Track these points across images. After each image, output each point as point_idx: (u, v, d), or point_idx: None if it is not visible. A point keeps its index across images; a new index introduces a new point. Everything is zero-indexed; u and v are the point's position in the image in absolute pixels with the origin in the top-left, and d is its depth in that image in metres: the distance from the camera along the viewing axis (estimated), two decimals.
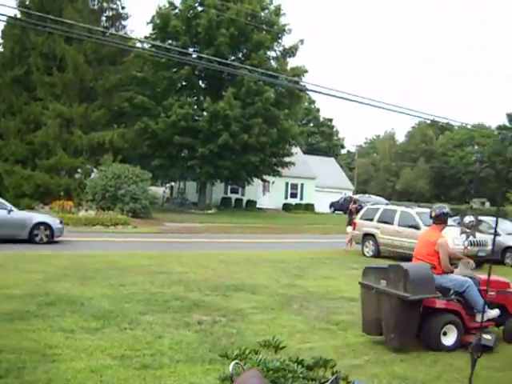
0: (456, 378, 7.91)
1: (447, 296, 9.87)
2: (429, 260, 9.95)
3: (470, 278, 10.09)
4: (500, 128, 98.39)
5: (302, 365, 3.80)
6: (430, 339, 9.49)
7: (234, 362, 2.86)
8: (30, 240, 21.87)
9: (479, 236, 20.33)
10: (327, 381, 2.00)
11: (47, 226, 22.51)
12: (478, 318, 9.72)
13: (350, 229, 26.64)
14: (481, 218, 23.74)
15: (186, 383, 6.93)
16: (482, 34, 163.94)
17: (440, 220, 10.82)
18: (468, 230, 4.95)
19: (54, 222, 23.01)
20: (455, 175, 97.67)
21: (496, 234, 4.83)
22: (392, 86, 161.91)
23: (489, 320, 10.01)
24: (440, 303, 9.60)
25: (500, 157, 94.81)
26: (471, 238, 4.97)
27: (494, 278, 10.50)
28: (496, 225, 4.96)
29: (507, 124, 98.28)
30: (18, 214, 22.38)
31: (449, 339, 9.52)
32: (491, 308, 10.02)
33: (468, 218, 4.92)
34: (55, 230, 22.67)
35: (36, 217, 22.90)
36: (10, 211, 21.91)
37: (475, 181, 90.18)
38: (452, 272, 10.23)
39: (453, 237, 18.50)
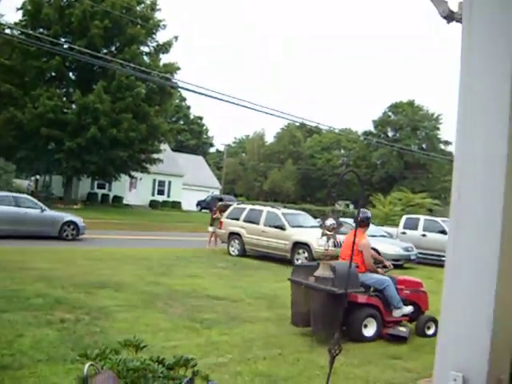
0: (317, 375, 8.17)
1: (368, 292, 10.88)
2: (354, 260, 10.38)
3: (390, 277, 11.26)
4: (366, 133, 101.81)
5: (163, 364, 3.80)
6: (353, 331, 10.48)
7: (88, 364, 2.87)
8: (59, 237, 24.42)
9: (342, 237, 21.03)
10: (182, 382, 2.05)
11: (75, 224, 25.16)
12: (395, 312, 11.04)
13: (211, 228, 26.67)
14: (344, 220, 24.59)
15: None
16: (351, 42, 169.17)
17: (364, 223, 11.83)
18: (329, 233, 5.16)
19: (80, 220, 25.59)
20: (321, 177, 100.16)
21: (355, 235, 5.05)
22: (263, 87, 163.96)
23: (404, 315, 11.28)
24: (362, 298, 10.57)
25: (365, 161, 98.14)
26: (332, 240, 5.20)
27: (408, 278, 12.48)
28: (356, 227, 5.22)
29: (373, 130, 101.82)
30: (50, 213, 25.01)
31: (369, 331, 10.67)
32: (406, 305, 11.28)
33: (329, 221, 5.13)
34: (80, 227, 25.36)
35: (65, 216, 25.47)
36: (43, 210, 24.45)
37: (339, 184, 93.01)
38: (375, 271, 11.25)
39: (316, 238, 19.03)
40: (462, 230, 2.32)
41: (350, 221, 25.80)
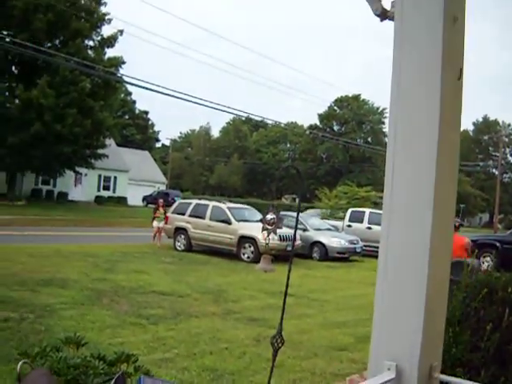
0: (264, 368, 8.24)
1: None
2: None
3: None
4: (311, 127, 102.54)
5: (104, 361, 3.78)
6: None
7: (21, 362, 2.86)
8: None
9: (288, 231, 21.23)
10: (114, 377, 2.06)
11: None
12: None
13: (155, 223, 26.29)
14: (287, 213, 24.77)
15: None
16: (298, 34, 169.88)
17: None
18: (269, 227, 5.24)
19: None
20: (268, 171, 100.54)
21: (296, 228, 5.13)
22: (210, 82, 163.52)
23: None
24: None
25: (311, 155, 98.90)
26: (272, 234, 5.32)
27: None
28: (297, 221, 5.28)
29: (318, 124, 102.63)
30: None
31: None
32: None
33: (269, 216, 5.21)
34: None
35: None
36: None
37: (277, 179, 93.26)
38: None
39: (262, 232, 19.12)
40: (394, 224, 2.39)
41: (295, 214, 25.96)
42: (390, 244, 2.37)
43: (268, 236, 4.91)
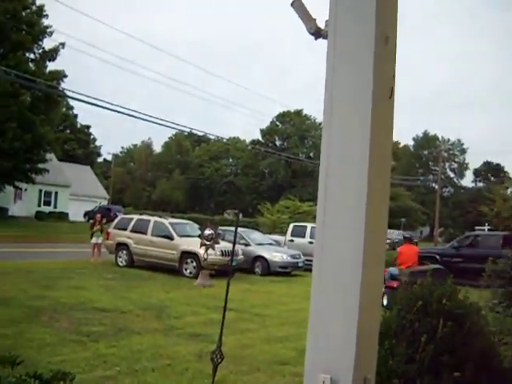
0: (206, 383, 8.24)
1: None
2: None
3: None
4: (254, 142, 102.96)
5: (41, 379, 3.70)
6: None
7: None
8: None
9: (229, 246, 21.29)
10: None
11: None
12: None
13: (94, 239, 25.92)
14: (228, 228, 24.81)
15: None
16: (237, 52, 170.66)
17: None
18: (208, 243, 5.24)
19: None
20: (210, 186, 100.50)
21: (235, 243, 5.19)
22: (152, 97, 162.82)
23: None
24: None
25: (253, 170, 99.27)
26: (212, 249, 5.33)
27: None
28: (235, 235, 5.33)
29: (260, 139, 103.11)
30: None
31: None
32: None
33: (207, 232, 5.22)
34: None
35: None
36: None
37: (216, 195, 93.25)
38: None
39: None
40: (328, 233, 2.44)
41: (239, 229, 25.98)
42: (324, 258, 2.41)
43: (206, 251, 4.92)
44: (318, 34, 2.59)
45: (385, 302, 13.85)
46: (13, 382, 3.44)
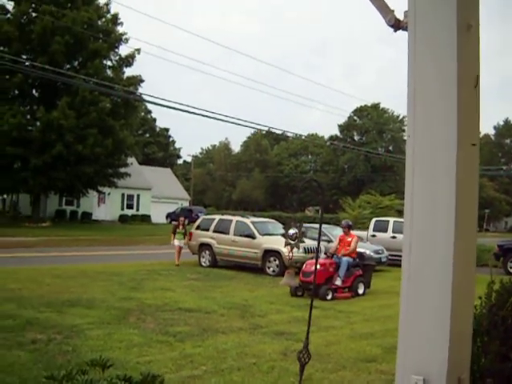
0: (292, 382, 8.20)
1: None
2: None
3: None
4: (332, 138, 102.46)
5: (130, 382, 3.74)
6: None
7: None
8: None
9: (312, 243, 21.26)
10: None
11: None
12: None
13: (176, 242, 25.18)
14: (312, 225, 24.69)
15: None
16: (314, 45, 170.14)
17: (348, 228, 19.27)
18: (292, 242, 5.19)
19: None
20: (290, 184, 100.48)
21: (320, 240, 5.17)
22: (228, 97, 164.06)
23: None
24: None
25: (332, 166, 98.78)
26: (295, 249, 5.27)
27: None
28: (320, 232, 5.27)
29: (339, 135, 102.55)
30: None
31: None
32: None
33: (291, 231, 5.17)
34: None
35: None
36: None
37: (298, 193, 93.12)
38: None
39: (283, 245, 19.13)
40: (418, 233, 2.36)
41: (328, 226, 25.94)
42: (413, 256, 2.34)
43: (291, 250, 4.87)
44: (397, 25, 2.53)
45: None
46: None
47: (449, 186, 2.25)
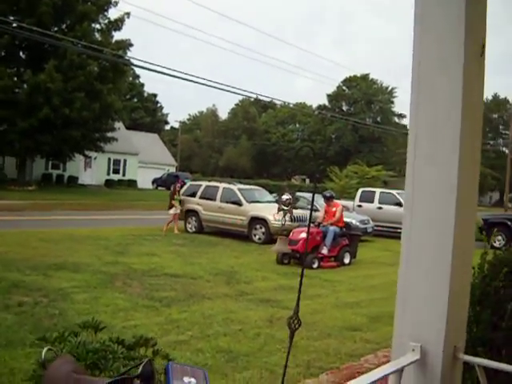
0: (278, 349, 8.29)
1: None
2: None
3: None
4: (320, 108, 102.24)
5: (123, 345, 3.76)
6: None
7: (46, 348, 2.84)
8: None
9: (299, 212, 21.31)
10: (141, 363, 2.04)
11: None
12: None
13: (173, 210, 24.62)
14: (300, 194, 24.75)
15: (7, 369, 6.69)
16: (302, 17, 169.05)
17: (330, 199, 19.36)
18: (285, 208, 5.20)
19: None
20: (277, 152, 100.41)
21: (312, 209, 5.24)
22: (218, 63, 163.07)
23: None
24: None
25: (320, 135, 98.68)
26: (288, 214, 5.26)
27: None
28: (312, 200, 5.26)
29: (327, 104, 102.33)
30: None
31: None
32: None
33: (285, 196, 5.17)
34: None
35: None
36: None
37: (294, 158, 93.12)
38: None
39: (273, 213, 19.22)
40: (418, 203, 2.35)
41: (307, 195, 25.89)
42: (414, 225, 2.33)
43: (284, 217, 4.88)
44: None
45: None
46: (97, 348, 3.50)
47: (453, 158, 2.24)
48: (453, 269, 2.22)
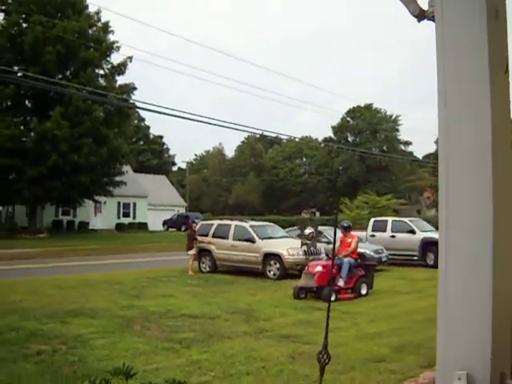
0: None
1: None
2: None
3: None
4: (326, 140, 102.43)
5: None
6: None
7: None
8: None
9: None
10: None
11: None
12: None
13: (192, 251, 24.50)
14: (321, 228, 24.74)
15: None
16: (299, 50, 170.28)
17: (348, 229, 18.77)
18: (308, 242, 5.14)
19: None
20: (285, 187, 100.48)
21: (335, 242, 5.20)
22: (221, 101, 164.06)
23: None
24: None
25: (327, 168, 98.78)
26: (312, 248, 5.23)
27: None
28: (335, 233, 5.24)
29: (333, 136, 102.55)
30: None
31: None
32: None
33: (308, 231, 5.12)
34: None
35: None
36: None
37: (307, 192, 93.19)
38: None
39: (288, 247, 19.19)
40: (453, 229, 2.30)
41: (325, 228, 25.95)
42: (450, 251, 2.28)
43: (309, 250, 4.82)
44: (421, 15, 2.47)
45: None
46: None
47: (486, 178, 2.20)
48: (495, 291, 2.16)
